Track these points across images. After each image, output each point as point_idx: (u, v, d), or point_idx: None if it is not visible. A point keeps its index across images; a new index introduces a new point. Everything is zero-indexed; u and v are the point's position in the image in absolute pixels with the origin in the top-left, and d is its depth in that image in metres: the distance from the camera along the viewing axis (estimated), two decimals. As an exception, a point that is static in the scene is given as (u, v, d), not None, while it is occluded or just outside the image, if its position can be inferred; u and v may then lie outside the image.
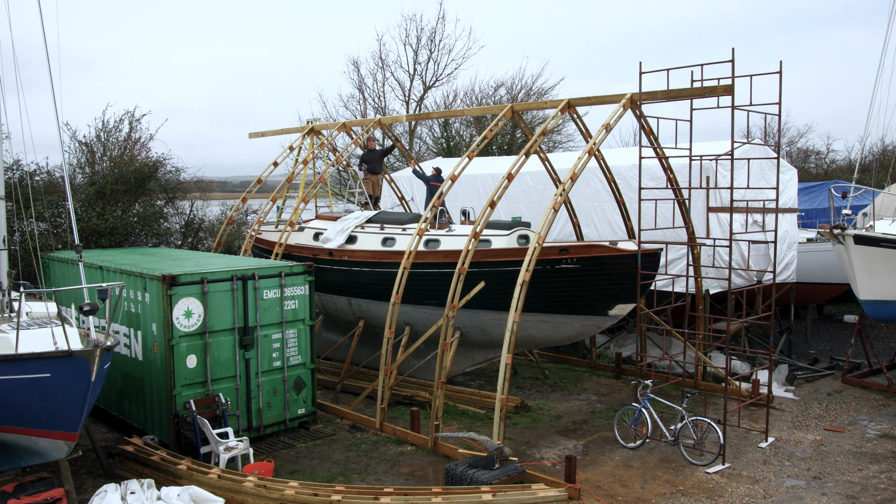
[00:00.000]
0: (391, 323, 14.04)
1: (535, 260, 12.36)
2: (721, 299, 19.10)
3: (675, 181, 15.25)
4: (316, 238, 18.58)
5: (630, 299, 14.29)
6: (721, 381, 16.92)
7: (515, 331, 12.07)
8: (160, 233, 24.41)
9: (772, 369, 15.38)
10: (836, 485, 11.67)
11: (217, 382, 13.16)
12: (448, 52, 34.35)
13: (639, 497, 11.25)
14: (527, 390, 17.33)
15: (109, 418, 14.86)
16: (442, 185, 15.09)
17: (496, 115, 17.08)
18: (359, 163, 19.97)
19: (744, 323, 15.67)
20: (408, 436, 13.69)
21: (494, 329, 14.83)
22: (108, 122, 26.23)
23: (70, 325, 10.51)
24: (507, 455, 11.44)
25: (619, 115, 13.80)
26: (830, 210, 17.04)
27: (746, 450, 13.26)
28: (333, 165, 21.25)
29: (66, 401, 9.64)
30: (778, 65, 12.43)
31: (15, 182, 18.17)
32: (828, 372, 18.50)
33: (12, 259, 14.35)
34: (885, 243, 15.73)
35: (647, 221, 15.07)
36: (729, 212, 14.04)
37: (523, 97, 34.96)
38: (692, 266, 16.40)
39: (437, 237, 16.09)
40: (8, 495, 10.09)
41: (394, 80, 34.78)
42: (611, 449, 13.38)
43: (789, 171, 20.34)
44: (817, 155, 43.98)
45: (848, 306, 25.02)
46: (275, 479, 10.98)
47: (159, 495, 10.31)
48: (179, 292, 12.58)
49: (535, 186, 20.87)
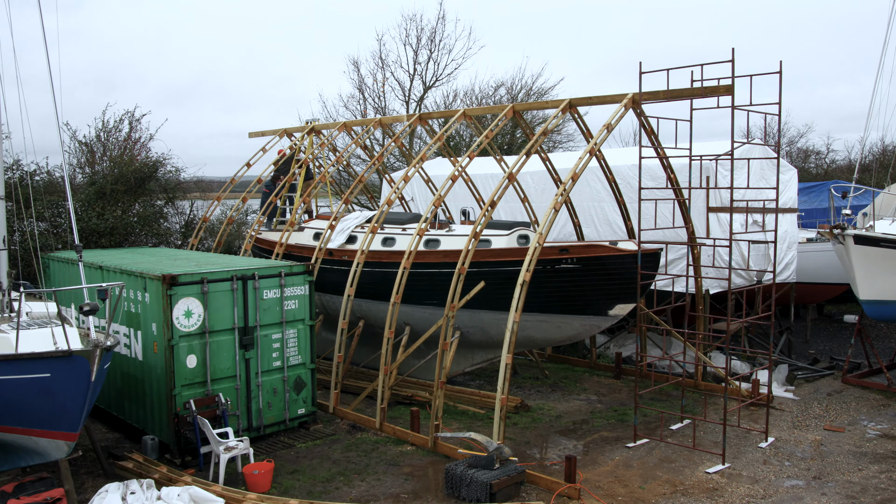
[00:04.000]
0: (391, 323, 14.03)
1: (536, 260, 12.36)
2: (721, 299, 19.10)
3: (675, 181, 15.25)
4: (316, 238, 18.58)
5: (630, 299, 14.29)
6: (721, 381, 16.93)
7: (515, 331, 12.06)
8: (160, 233, 24.42)
9: (772, 369, 15.37)
10: (836, 485, 11.67)
11: (217, 382, 13.16)
12: (448, 52, 34.38)
13: (639, 497, 11.25)
14: (527, 390, 17.33)
15: (109, 418, 14.85)
16: (441, 188, 15.07)
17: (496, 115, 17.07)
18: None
19: (744, 323, 15.67)
20: (408, 436, 13.69)
21: (494, 329, 14.83)
22: (108, 122, 26.27)
23: (70, 325, 10.51)
24: (507, 455, 11.43)
25: (621, 115, 13.80)
26: (830, 210, 17.05)
27: (746, 450, 13.26)
28: (334, 165, 21.25)
29: (66, 401, 9.64)
30: (778, 65, 12.46)
31: (15, 182, 18.17)
32: (828, 372, 18.50)
33: (12, 259, 14.36)
34: (885, 243, 15.73)
35: (647, 221, 15.07)
36: (729, 212, 14.03)
37: (523, 97, 34.96)
38: (692, 266, 16.40)
39: (437, 237, 16.09)
40: (8, 495, 10.09)
41: (394, 80, 34.82)
42: (611, 449, 13.38)
43: (789, 171, 20.35)
44: (817, 155, 44.02)
45: (848, 306, 25.03)
46: (275, 498, 10.90)
47: (159, 495, 10.31)
48: (179, 292, 12.58)
49: (535, 186, 20.86)
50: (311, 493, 11.37)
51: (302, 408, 14.46)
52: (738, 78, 12.41)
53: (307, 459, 12.91)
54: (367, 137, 28.34)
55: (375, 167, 22.24)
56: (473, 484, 10.91)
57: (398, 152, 32.03)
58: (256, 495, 10.87)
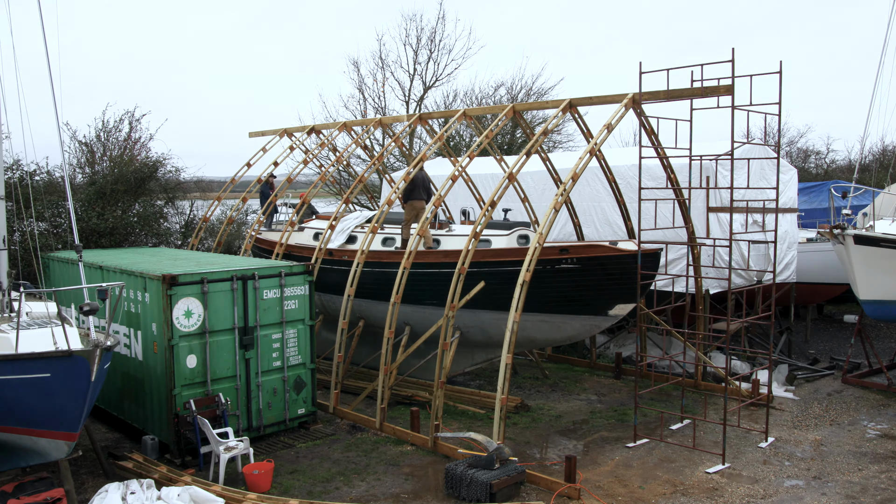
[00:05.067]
0: (391, 323, 14.03)
1: (536, 260, 12.36)
2: (721, 299, 19.10)
3: (675, 181, 15.25)
4: (316, 238, 18.58)
5: (630, 299, 14.29)
6: (721, 381, 16.93)
7: (515, 331, 12.06)
8: (160, 233, 24.41)
9: (772, 369, 15.38)
10: (836, 485, 11.67)
11: (217, 382, 13.16)
12: (448, 52, 34.36)
13: (639, 497, 11.25)
14: (527, 390, 17.33)
15: (109, 418, 14.85)
16: (441, 188, 15.07)
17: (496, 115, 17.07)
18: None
19: (744, 323, 15.66)
20: (408, 436, 13.69)
21: (494, 329, 14.83)
22: (108, 122, 26.26)
23: (70, 325, 10.51)
24: (506, 455, 11.44)
25: (621, 115, 13.80)
26: (830, 210, 17.05)
27: (746, 450, 13.26)
28: (334, 165, 21.26)
29: (67, 401, 9.64)
30: (778, 65, 12.46)
31: (15, 182, 18.18)
32: (828, 372, 18.50)
33: (12, 259, 14.37)
34: (885, 243, 15.73)
35: (647, 221, 15.07)
36: (729, 212, 14.03)
37: (523, 97, 34.95)
38: (692, 266, 16.40)
39: (437, 237, 16.09)
40: (8, 495, 10.09)
41: (394, 80, 34.82)
42: (611, 449, 13.38)
43: (789, 171, 20.34)
44: (817, 155, 44.01)
45: (848, 306, 25.03)
46: (275, 498, 10.90)
47: (159, 495, 10.31)
48: (179, 292, 12.58)
49: (535, 186, 20.86)
50: (311, 493, 11.38)
51: (302, 408, 14.46)
52: (738, 78, 12.42)
53: (307, 459, 12.91)
54: (368, 137, 28.35)
55: (375, 167, 22.25)
56: (473, 484, 10.91)
57: (398, 152, 32.03)
58: (256, 495, 10.88)
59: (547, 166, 17.35)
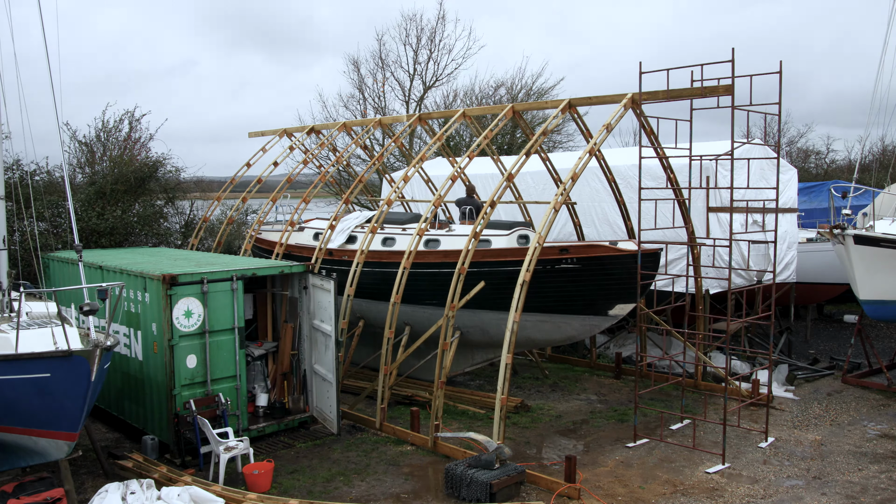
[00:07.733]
0: (391, 323, 14.03)
1: (536, 260, 12.36)
2: (721, 299, 19.10)
3: (675, 181, 15.25)
4: (316, 238, 18.57)
5: (630, 299, 14.29)
6: (721, 381, 16.93)
7: (515, 331, 12.06)
8: (160, 233, 24.41)
9: (772, 369, 15.37)
10: (836, 485, 11.67)
11: (217, 382, 13.16)
12: (448, 51, 34.36)
13: (639, 497, 11.25)
14: (527, 390, 17.33)
15: (109, 418, 14.85)
16: (441, 188, 15.08)
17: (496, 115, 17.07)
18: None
19: (744, 323, 15.67)
20: (408, 436, 13.69)
21: (494, 329, 14.82)
22: (108, 122, 26.26)
23: (70, 325, 10.50)
24: (507, 455, 11.44)
25: (621, 115, 13.80)
26: (830, 210, 17.04)
27: (746, 450, 13.26)
28: (334, 165, 21.26)
29: (66, 401, 9.63)
30: (778, 64, 12.45)
31: (15, 182, 18.17)
32: (828, 372, 18.50)
33: (12, 259, 14.34)
34: (885, 243, 15.73)
35: (647, 221, 15.07)
36: (729, 212, 14.03)
37: (523, 97, 34.94)
38: (692, 266, 16.40)
39: (437, 237, 16.08)
40: (8, 495, 10.09)
41: (394, 80, 34.81)
42: (611, 449, 13.38)
43: (789, 170, 20.34)
44: (817, 155, 44.03)
45: (848, 306, 25.02)
46: (275, 498, 10.90)
47: (159, 495, 10.31)
48: (179, 292, 12.58)
49: (535, 186, 20.86)
50: (311, 493, 11.38)
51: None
52: (738, 78, 12.42)
53: (307, 459, 12.91)
54: (367, 137, 28.34)
55: (375, 167, 22.25)
56: (473, 484, 10.91)
57: (398, 152, 32.02)
58: (256, 495, 10.87)
59: (547, 166, 17.35)
